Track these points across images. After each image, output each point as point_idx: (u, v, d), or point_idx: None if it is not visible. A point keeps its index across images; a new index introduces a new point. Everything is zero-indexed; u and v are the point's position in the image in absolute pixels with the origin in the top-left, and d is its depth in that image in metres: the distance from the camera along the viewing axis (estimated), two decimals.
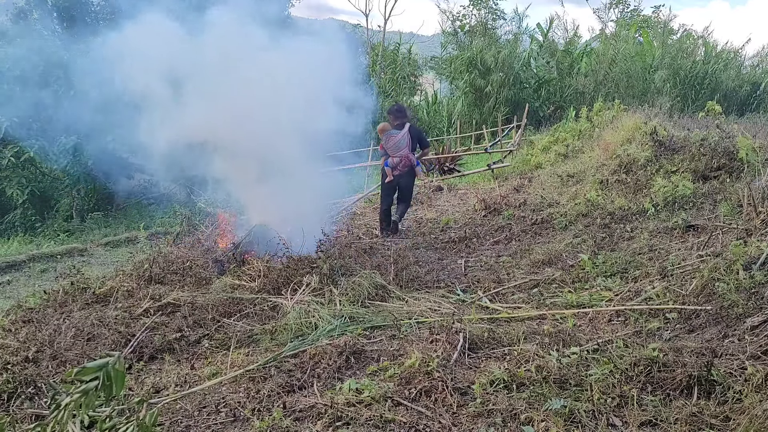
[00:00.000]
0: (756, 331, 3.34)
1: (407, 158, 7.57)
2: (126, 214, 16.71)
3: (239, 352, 3.83)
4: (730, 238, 4.82)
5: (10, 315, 4.68)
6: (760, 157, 6.50)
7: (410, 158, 7.60)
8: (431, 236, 7.28)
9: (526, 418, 2.76)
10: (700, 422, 2.66)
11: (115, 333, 4.10)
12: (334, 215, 8.37)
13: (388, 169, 7.70)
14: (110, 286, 5.10)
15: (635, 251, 5.31)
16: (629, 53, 20.64)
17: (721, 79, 19.86)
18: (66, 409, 2.12)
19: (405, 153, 7.54)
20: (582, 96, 20.60)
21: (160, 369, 3.75)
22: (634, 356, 3.16)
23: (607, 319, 4.05)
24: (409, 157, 7.58)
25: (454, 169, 13.23)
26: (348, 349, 3.61)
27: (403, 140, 7.52)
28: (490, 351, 3.64)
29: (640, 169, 7.65)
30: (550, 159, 10.96)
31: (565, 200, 7.81)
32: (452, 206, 9.24)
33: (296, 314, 4.25)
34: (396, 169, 7.59)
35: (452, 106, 24.08)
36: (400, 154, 7.53)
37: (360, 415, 2.88)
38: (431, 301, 4.67)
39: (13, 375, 3.43)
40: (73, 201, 16.03)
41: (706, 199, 6.33)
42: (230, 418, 3.03)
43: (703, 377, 2.90)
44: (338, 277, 4.94)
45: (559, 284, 4.93)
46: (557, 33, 24.35)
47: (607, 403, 2.84)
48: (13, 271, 8.04)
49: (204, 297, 4.79)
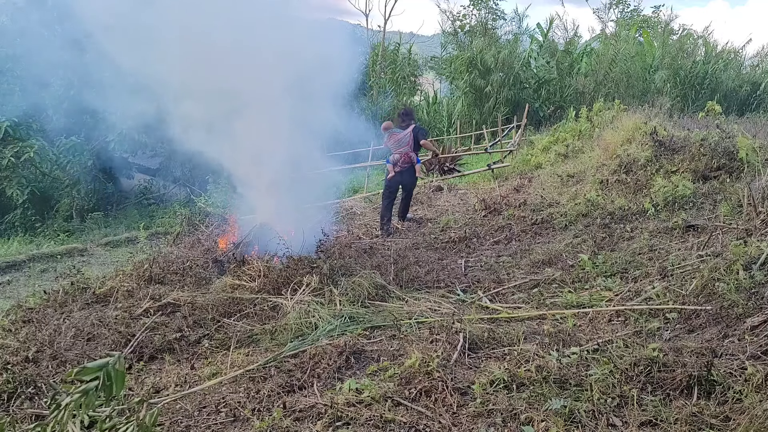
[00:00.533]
0: (756, 331, 3.35)
1: (407, 155, 7.78)
2: (126, 214, 16.71)
3: (239, 352, 3.83)
4: (730, 238, 4.82)
5: (10, 315, 4.68)
6: (760, 157, 6.50)
7: (410, 156, 7.81)
8: (431, 236, 7.27)
9: (526, 418, 2.76)
10: (700, 422, 2.66)
11: (115, 333, 4.09)
12: (335, 215, 8.38)
13: (389, 165, 7.98)
14: (110, 286, 5.10)
15: (635, 251, 5.31)
16: (629, 53, 20.63)
17: (721, 79, 19.88)
18: (66, 409, 2.12)
19: (406, 150, 7.76)
20: (582, 96, 20.59)
21: (160, 369, 3.75)
22: (634, 356, 3.16)
23: (607, 319, 4.05)
24: (409, 155, 7.78)
25: (454, 169, 13.22)
26: (348, 349, 3.61)
27: (404, 139, 7.76)
28: (490, 351, 3.64)
29: (640, 169, 7.65)
30: (550, 159, 10.95)
31: (565, 200, 7.80)
32: (452, 206, 9.24)
33: (296, 314, 4.25)
34: (397, 165, 7.82)
35: (452, 106, 24.08)
36: (401, 151, 7.77)
37: (360, 415, 2.88)
38: (431, 301, 4.67)
39: (13, 375, 3.43)
40: (73, 201, 16.03)
41: (706, 199, 6.33)
42: (230, 418, 3.03)
43: (703, 377, 2.90)
44: (338, 277, 4.94)
45: (559, 284, 4.93)
46: (557, 33, 24.36)
47: (607, 403, 2.85)
48: (13, 271, 8.04)
49: (204, 297, 4.79)
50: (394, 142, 7.83)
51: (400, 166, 7.79)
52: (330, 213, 8.02)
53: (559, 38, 24.21)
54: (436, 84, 29.58)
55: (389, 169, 7.98)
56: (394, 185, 8.01)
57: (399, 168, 7.81)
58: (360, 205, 10.03)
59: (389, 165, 7.97)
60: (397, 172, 7.84)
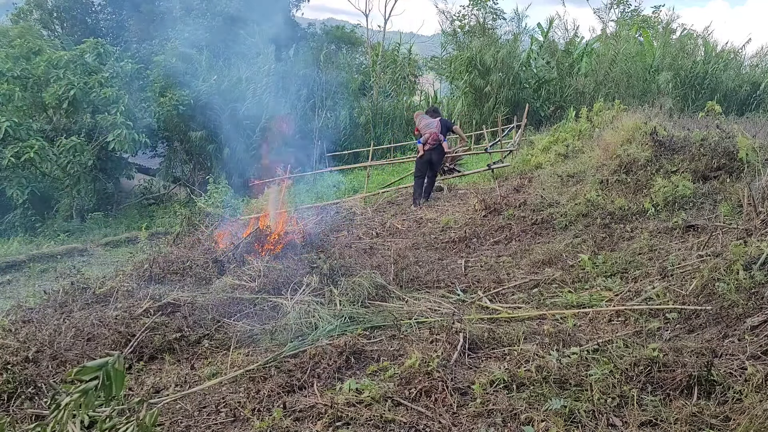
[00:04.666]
0: (756, 331, 3.35)
1: (435, 135, 9.28)
2: (126, 214, 16.71)
3: (239, 352, 3.83)
4: (730, 238, 4.82)
5: (10, 315, 4.67)
6: (760, 157, 6.49)
7: (438, 136, 9.29)
8: (431, 236, 7.27)
9: (526, 418, 2.76)
10: (700, 422, 2.66)
11: (115, 333, 4.09)
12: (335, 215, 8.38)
13: (420, 145, 9.49)
14: (110, 286, 5.10)
15: (635, 251, 5.31)
16: (629, 53, 20.61)
17: (721, 79, 19.84)
18: (66, 409, 2.12)
19: (434, 131, 9.31)
20: (582, 96, 20.56)
21: (160, 369, 3.75)
22: (634, 356, 3.16)
23: (607, 319, 4.05)
24: (437, 135, 9.28)
25: (454, 169, 13.20)
26: (348, 349, 3.61)
27: (432, 123, 9.43)
28: (490, 351, 3.64)
29: (640, 169, 7.64)
30: (550, 159, 10.93)
31: (565, 200, 7.79)
32: (452, 206, 9.23)
33: (296, 314, 4.24)
34: (426, 144, 9.30)
35: (452, 106, 24.05)
36: (430, 130, 9.31)
37: (360, 415, 2.88)
38: (431, 301, 4.67)
39: (13, 375, 3.42)
40: (73, 201, 16.03)
41: (706, 199, 6.32)
42: (230, 418, 3.03)
43: (703, 377, 2.90)
44: (338, 277, 4.94)
45: (559, 284, 4.93)
46: (557, 33, 24.31)
47: (607, 403, 2.84)
48: (13, 271, 8.04)
49: (204, 297, 4.79)
50: (424, 124, 9.42)
51: (429, 144, 9.24)
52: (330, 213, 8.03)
53: (559, 38, 24.19)
54: (436, 84, 29.57)
55: (419, 149, 9.50)
56: (424, 164, 9.42)
57: (429, 146, 9.25)
58: (360, 205, 10.03)
59: (420, 144, 9.47)
60: (427, 150, 9.29)
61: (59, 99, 15.43)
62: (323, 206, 9.91)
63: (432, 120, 9.46)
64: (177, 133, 18.72)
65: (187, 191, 18.26)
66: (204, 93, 18.44)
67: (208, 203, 9.31)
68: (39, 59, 15.70)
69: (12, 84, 15.18)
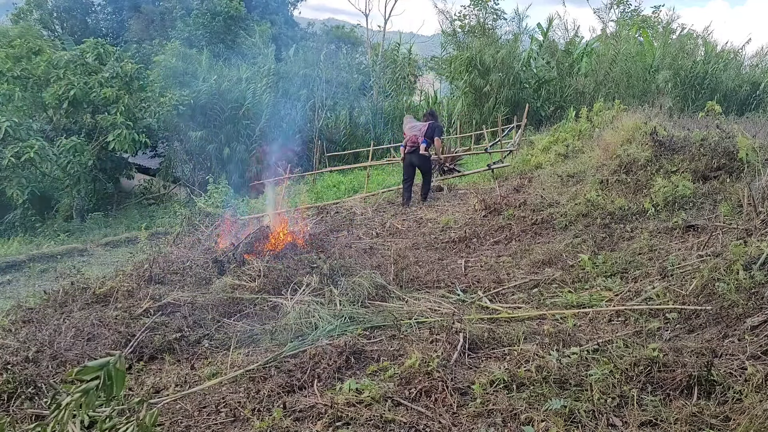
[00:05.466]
0: (756, 331, 3.34)
1: (414, 138, 9.28)
2: (126, 214, 16.71)
3: (239, 352, 3.83)
4: (730, 238, 4.82)
5: (10, 315, 4.68)
6: (760, 157, 6.49)
7: (416, 139, 9.26)
8: (431, 236, 7.27)
9: (526, 418, 2.76)
10: (700, 422, 2.66)
11: (115, 333, 4.09)
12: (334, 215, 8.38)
13: (402, 148, 9.61)
14: (110, 286, 5.10)
15: (635, 251, 5.30)
16: (629, 53, 20.61)
17: (721, 79, 19.83)
18: (66, 409, 2.12)
19: (414, 134, 9.30)
20: (582, 96, 20.56)
21: (160, 369, 3.75)
22: (634, 356, 3.15)
23: (607, 319, 4.05)
24: (415, 138, 9.26)
25: (454, 169, 13.21)
26: (348, 349, 3.61)
27: (417, 126, 9.38)
28: (490, 351, 3.64)
29: (640, 169, 7.64)
30: (550, 159, 10.93)
31: (565, 200, 7.79)
32: (452, 206, 9.23)
33: (296, 314, 4.24)
34: (405, 147, 9.43)
35: (452, 106, 24.06)
36: (411, 134, 9.34)
37: (360, 415, 2.88)
38: (431, 301, 4.67)
39: (13, 375, 3.42)
40: (73, 201, 16.03)
41: (706, 199, 6.32)
42: (230, 418, 3.03)
43: (703, 377, 2.90)
44: (338, 277, 4.94)
45: (559, 284, 4.93)
46: (557, 33, 24.33)
47: (607, 403, 2.84)
48: (13, 271, 8.04)
49: (204, 297, 4.79)
50: (409, 127, 9.45)
51: (408, 146, 9.32)
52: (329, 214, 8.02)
53: (559, 38, 24.20)
54: (436, 84, 29.56)
55: (401, 152, 9.61)
56: (407, 167, 9.49)
57: (407, 149, 9.34)
58: (360, 205, 10.03)
59: (402, 148, 9.59)
60: (407, 153, 9.39)
61: (59, 99, 15.45)
62: (323, 206, 9.92)
63: (418, 123, 9.53)
64: (177, 133, 18.73)
65: (187, 191, 18.26)
66: (204, 93, 18.45)
67: (208, 203, 9.32)
68: (39, 59, 15.72)
69: (12, 84, 15.20)
